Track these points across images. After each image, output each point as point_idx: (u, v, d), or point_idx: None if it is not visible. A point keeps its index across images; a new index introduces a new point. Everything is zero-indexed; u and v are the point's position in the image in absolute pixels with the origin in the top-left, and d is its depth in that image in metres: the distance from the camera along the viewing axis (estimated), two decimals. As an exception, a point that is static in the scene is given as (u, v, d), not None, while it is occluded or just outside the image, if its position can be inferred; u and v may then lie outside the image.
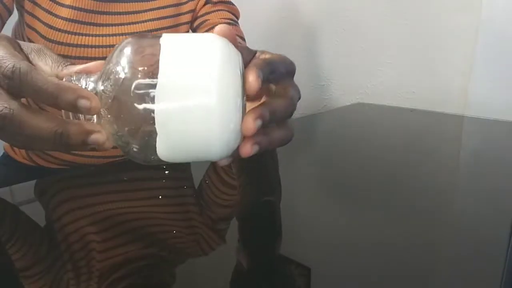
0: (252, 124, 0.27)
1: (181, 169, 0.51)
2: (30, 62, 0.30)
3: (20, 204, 0.40)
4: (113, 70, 0.27)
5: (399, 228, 0.34)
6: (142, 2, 0.63)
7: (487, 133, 0.65)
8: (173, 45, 0.27)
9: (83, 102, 0.26)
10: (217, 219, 0.35)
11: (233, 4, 0.76)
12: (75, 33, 0.58)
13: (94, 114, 0.28)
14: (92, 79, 0.28)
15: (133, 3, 0.62)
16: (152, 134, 0.26)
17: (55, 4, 0.58)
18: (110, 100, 0.27)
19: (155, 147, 0.27)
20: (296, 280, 0.26)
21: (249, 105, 0.31)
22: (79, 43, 0.59)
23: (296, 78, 0.35)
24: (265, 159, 0.53)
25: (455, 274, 0.28)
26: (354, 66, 1.02)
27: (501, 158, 0.52)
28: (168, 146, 0.27)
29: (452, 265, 0.29)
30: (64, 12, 0.57)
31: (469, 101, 0.83)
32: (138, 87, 0.26)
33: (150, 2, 0.64)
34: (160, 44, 0.27)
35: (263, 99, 0.34)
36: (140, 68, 0.26)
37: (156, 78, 0.26)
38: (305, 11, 1.09)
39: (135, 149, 0.28)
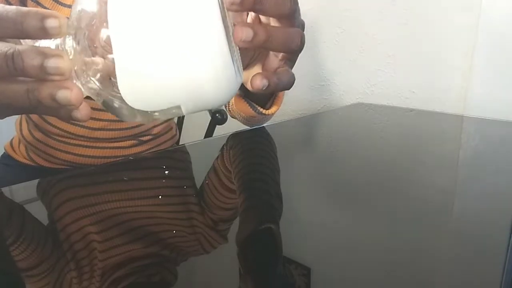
0: (259, 81, 0.29)
1: (181, 168, 0.51)
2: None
3: (20, 204, 0.40)
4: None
5: (398, 228, 0.34)
6: None
7: (486, 133, 0.65)
8: None
9: (50, 22, 0.24)
10: (218, 219, 0.35)
11: None
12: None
13: (63, 35, 0.25)
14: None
15: None
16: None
17: (57, 4, 0.58)
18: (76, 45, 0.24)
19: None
20: (296, 280, 0.27)
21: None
22: None
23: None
24: (265, 159, 0.53)
25: (455, 274, 0.28)
26: (354, 66, 1.02)
27: (501, 158, 0.52)
28: (135, 95, 0.24)
29: (452, 265, 0.29)
30: (66, 13, 0.57)
31: (469, 101, 0.83)
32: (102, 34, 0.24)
33: None
34: None
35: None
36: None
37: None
38: (305, 11, 1.09)
39: (115, 101, 0.25)
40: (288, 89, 0.34)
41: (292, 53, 0.33)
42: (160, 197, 0.41)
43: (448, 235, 0.33)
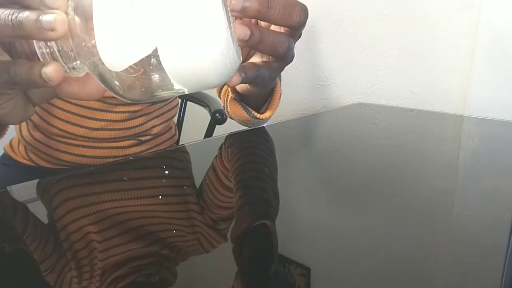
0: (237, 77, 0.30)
1: (181, 168, 0.51)
2: None
3: (23, 203, 0.40)
4: None
5: (398, 228, 0.34)
6: None
7: (486, 133, 0.65)
8: None
9: None
10: (217, 218, 0.35)
11: None
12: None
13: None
14: None
15: None
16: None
17: None
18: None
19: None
20: (296, 280, 0.26)
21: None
22: None
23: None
24: (265, 160, 0.53)
25: (455, 274, 0.28)
26: (354, 66, 1.02)
27: (501, 158, 0.52)
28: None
29: (452, 265, 0.29)
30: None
31: (469, 101, 0.83)
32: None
33: None
34: None
35: None
36: None
37: None
38: (305, 11, 1.09)
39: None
40: (257, 86, 0.35)
41: (278, 57, 0.33)
42: (160, 197, 0.41)
43: (448, 235, 0.33)
